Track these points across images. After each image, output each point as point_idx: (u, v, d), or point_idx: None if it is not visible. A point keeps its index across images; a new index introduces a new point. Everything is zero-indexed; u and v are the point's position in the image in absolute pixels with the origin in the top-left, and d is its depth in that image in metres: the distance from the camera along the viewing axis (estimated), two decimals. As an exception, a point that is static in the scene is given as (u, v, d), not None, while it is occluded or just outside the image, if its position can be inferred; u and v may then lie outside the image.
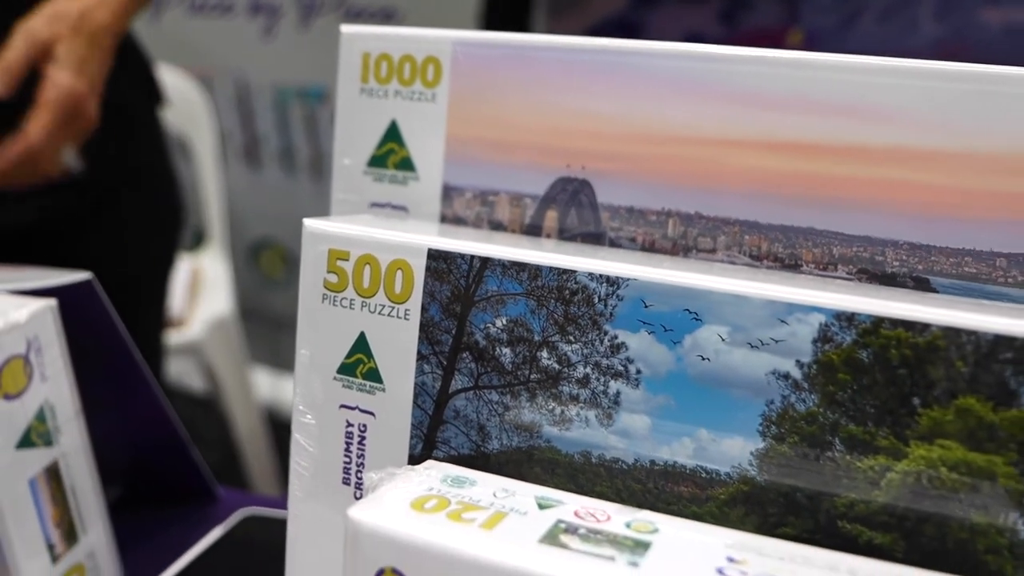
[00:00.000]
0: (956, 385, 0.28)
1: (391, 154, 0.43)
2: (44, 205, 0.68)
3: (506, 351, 0.33)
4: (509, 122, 0.41)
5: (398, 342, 0.35)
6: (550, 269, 0.32)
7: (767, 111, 0.37)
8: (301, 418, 0.37)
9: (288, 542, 0.38)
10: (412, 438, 0.35)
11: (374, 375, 0.35)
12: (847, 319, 0.29)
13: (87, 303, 0.45)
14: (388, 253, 0.35)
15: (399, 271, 0.34)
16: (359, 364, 0.36)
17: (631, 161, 0.39)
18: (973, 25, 1.35)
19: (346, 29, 0.43)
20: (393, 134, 0.43)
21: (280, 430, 1.63)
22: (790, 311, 0.30)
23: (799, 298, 0.30)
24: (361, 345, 0.35)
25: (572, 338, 0.32)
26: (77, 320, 0.44)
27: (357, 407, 0.36)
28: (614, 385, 0.32)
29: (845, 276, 0.36)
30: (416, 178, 0.42)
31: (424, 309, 0.34)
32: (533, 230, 0.41)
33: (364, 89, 0.43)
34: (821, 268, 0.37)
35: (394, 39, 0.42)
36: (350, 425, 0.36)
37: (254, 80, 1.80)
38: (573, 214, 0.40)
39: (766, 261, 0.37)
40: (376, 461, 0.36)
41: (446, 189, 0.42)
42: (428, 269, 0.34)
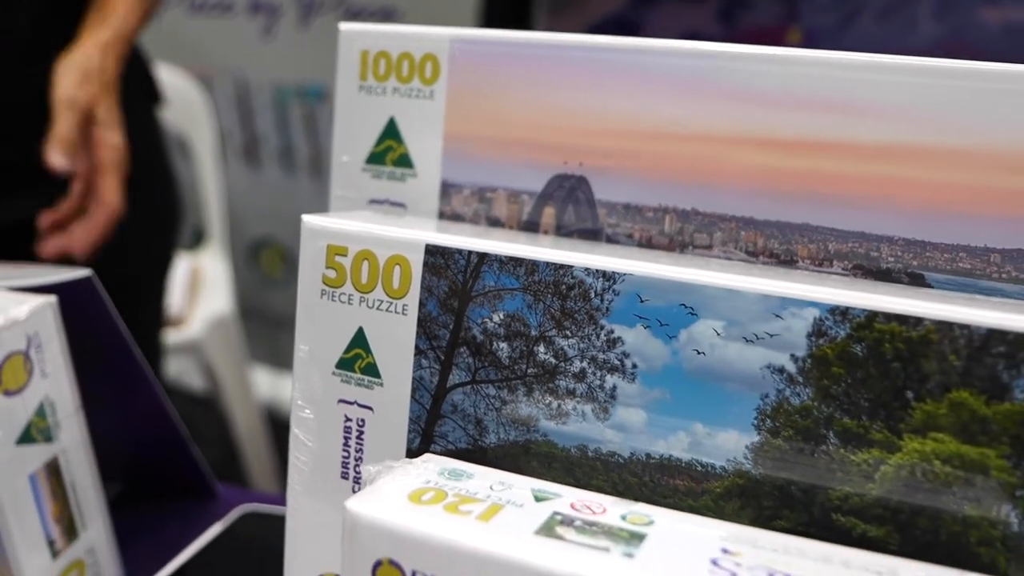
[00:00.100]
0: (949, 379, 0.28)
1: (389, 151, 0.43)
2: (42, 203, 0.68)
3: (503, 346, 0.34)
4: (507, 119, 0.41)
5: (396, 337, 0.35)
6: (547, 264, 0.33)
7: (764, 108, 0.37)
8: (300, 413, 0.37)
9: (287, 536, 0.38)
10: (410, 432, 0.35)
11: (372, 370, 0.36)
12: (841, 313, 0.29)
13: (87, 300, 0.46)
14: (386, 249, 0.35)
15: (397, 266, 0.35)
16: (357, 359, 0.36)
17: (628, 158, 0.39)
18: (972, 24, 1.35)
19: (344, 27, 0.43)
20: (391, 131, 0.43)
21: (280, 429, 1.63)
22: (784, 305, 0.30)
23: (794, 292, 0.30)
24: (359, 340, 0.36)
25: (569, 333, 0.33)
26: (77, 317, 0.44)
27: (355, 402, 0.36)
28: (610, 379, 0.32)
29: (840, 272, 0.36)
30: (414, 175, 0.42)
31: (422, 304, 0.35)
32: (531, 227, 0.41)
33: (362, 86, 0.43)
34: (817, 264, 0.37)
35: (392, 37, 0.42)
36: (348, 420, 0.36)
37: (254, 79, 1.80)
38: (570, 211, 0.40)
39: (762, 257, 0.37)
40: (374, 455, 0.36)
41: (444, 186, 0.42)
42: (426, 264, 0.34)
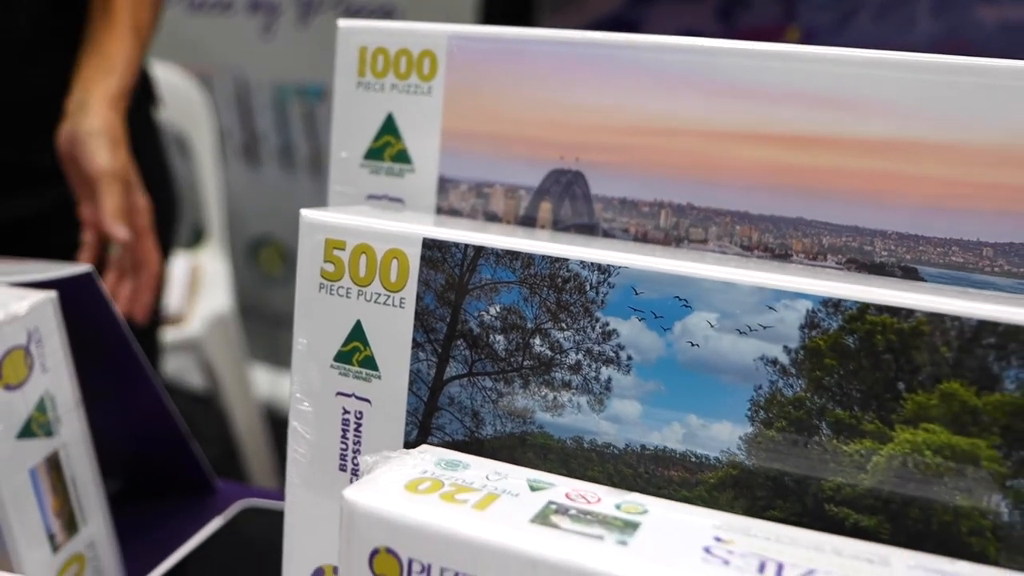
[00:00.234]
0: (940, 370, 0.29)
1: (387, 147, 0.43)
2: (40, 200, 0.68)
3: (499, 338, 0.34)
4: (504, 115, 0.41)
5: (394, 330, 0.35)
6: (543, 257, 0.33)
7: (759, 103, 0.37)
8: (298, 406, 0.37)
9: (286, 528, 0.39)
10: (407, 424, 0.36)
11: (370, 363, 0.36)
12: (833, 305, 0.30)
13: (87, 296, 0.46)
14: (384, 242, 0.35)
15: (394, 260, 0.35)
16: (355, 352, 0.36)
17: (624, 153, 0.39)
18: (969, 22, 1.36)
19: (343, 23, 0.43)
20: (389, 127, 0.43)
21: (279, 426, 1.64)
22: (778, 298, 0.30)
23: (787, 285, 0.30)
24: (357, 333, 0.36)
25: (564, 325, 0.33)
26: (77, 312, 0.44)
27: (353, 394, 0.36)
28: (605, 371, 0.32)
29: (834, 266, 0.37)
30: (412, 170, 0.43)
31: (419, 297, 0.35)
32: (528, 221, 0.41)
33: (361, 83, 0.43)
34: (811, 258, 0.37)
35: (390, 33, 0.43)
36: (346, 412, 0.37)
37: (253, 78, 1.80)
38: (567, 205, 0.40)
39: (756, 251, 0.38)
40: (372, 447, 0.36)
41: (442, 181, 0.42)
42: (423, 258, 0.35)
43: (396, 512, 0.27)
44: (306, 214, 0.36)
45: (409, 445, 0.36)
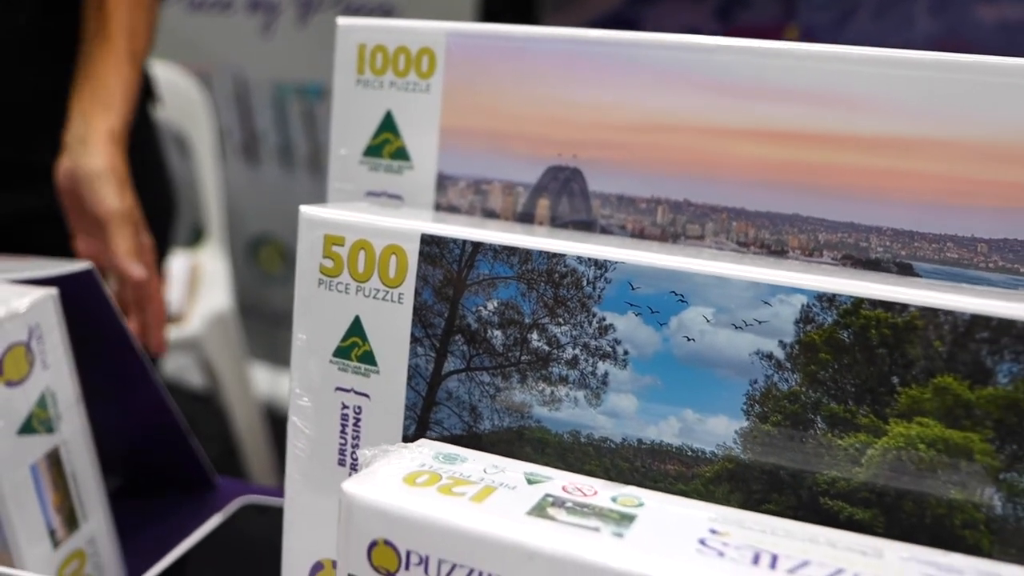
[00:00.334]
0: (934, 364, 0.29)
1: (386, 144, 0.43)
2: (40, 198, 0.68)
3: (497, 333, 0.34)
4: (502, 112, 0.41)
5: (392, 325, 0.36)
6: (540, 253, 0.33)
7: (755, 101, 0.37)
8: (298, 401, 0.38)
9: (285, 522, 0.39)
10: (406, 419, 0.36)
11: (369, 358, 0.36)
12: (828, 300, 0.30)
13: (87, 293, 0.46)
14: (382, 238, 0.35)
15: (393, 256, 0.35)
16: (354, 347, 0.36)
17: (621, 150, 0.40)
18: (968, 21, 1.36)
19: (342, 21, 0.44)
20: (388, 124, 0.43)
21: (279, 425, 1.63)
22: (773, 293, 0.30)
23: (782, 280, 0.30)
24: (356, 329, 0.36)
25: (561, 320, 0.33)
26: (77, 309, 0.44)
27: (352, 389, 0.37)
28: (602, 366, 0.33)
29: (830, 262, 0.37)
30: (411, 167, 0.43)
31: (417, 293, 0.35)
32: (526, 218, 0.41)
33: (360, 80, 0.43)
34: (807, 254, 0.37)
35: (389, 31, 0.43)
36: (345, 407, 0.37)
37: (253, 77, 1.81)
38: (564, 202, 0.41)
39: (753, 247, 0.38)
40: (371, 442, 0.36)
41: (440, 178, 0.43)
42: (421, 254, 0.35)
43: (394, 504, 0.27)
44: (305, 210, 0.37)
45: (408, 439, 0.36)
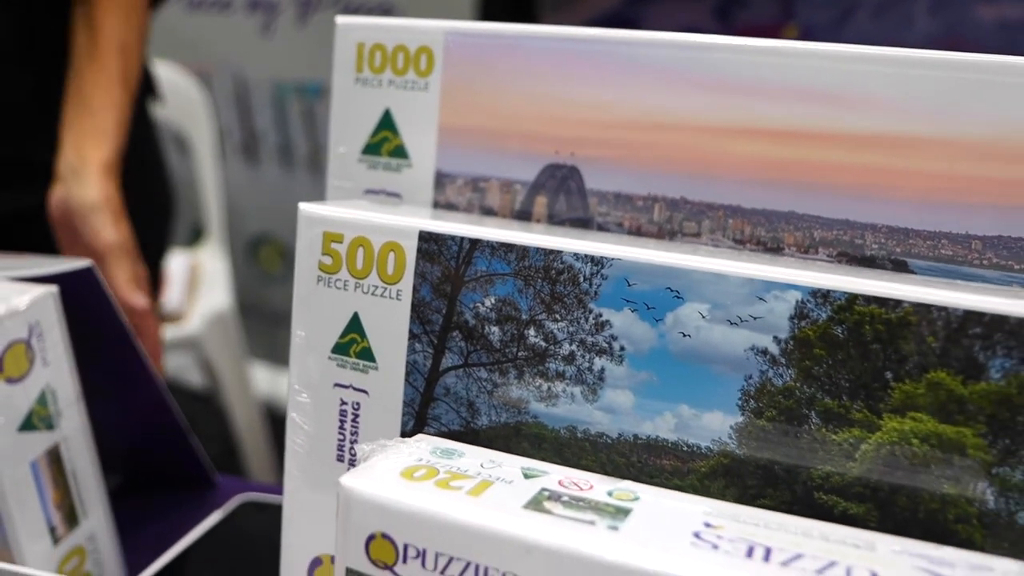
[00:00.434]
0: (927, 359, 0.29)
1: (385, 142, 0.44)
2: (38, 195, 0.68)
3: (495, 329, 0.34)
4: (500, 110, 0.42)
5: (390, 322, 0.36)
6: (537, 249, 0.33)
7: (751, 99, 0.38)
8: (297, 397, 0.38)
9: (284, 518, 0.39)
10: (404, 415, 0.36)
11: (367, 354, 0.36)
12: (822, 296, 0.30)
13: (87, 290, 0.46)
14: (381, 235, 0.36)
15: (391, 253, 0.35)
16: (353, 344, 0.37)
17: (618, 148, 0.40)
18: (967, 21, 1.36)
19: (341, 20, 0.44)
20: (387, 122, 0.43)
21: (278, 424, 1.63)
22: (768, 289, 0.31)
23: (776, 276, 0.31)
24: (355, 325, 0.36)
25: (558, 316, 0.33)
26: (77, 307, 0.45)
27: (351, 385, 0.37)
28: (599, 362, 0.33)
29: (826, 259, 0.37)
30: (409, 165, 0.43)
31: (415, 290, 0.35)
32: (523, 216, 0.42)
33: (359, 78, 0.44)
34: (802, 251, 0.37)
35: (388, 29, 0.43)
36: (344, 403, 0.37)
37: (252, 76, 1.81)
38: (562, 200, 0.41)
39: (749, 244, 0.38)
40: (369, 438, 0.37)
41: (438, 176, 0.43)
42: (419, 251, 0.35)
43: (392, 498, 0.27)
44: (304, 207, 0.37)
45: (406, 435, 0.36)
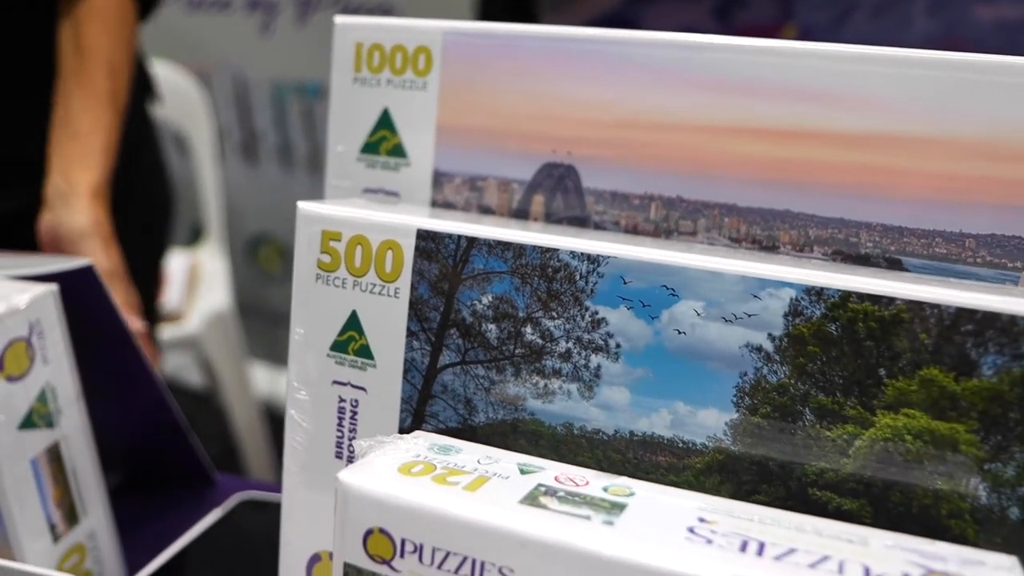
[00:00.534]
0: (920, 356, 0.29)
1: (383, 141, 0.44)
2: (37, 194, 0.69)
3: (492, 327, 0.35)
4: (498, 110, 0.42)
5: (388, 319, 0.36)
6: (534, 248, 0.34)
7: (748, 98, 0.38)
8: (296, 394, 0.38)
9: (283, 515, 0.39)
10: (402, 412, 0.36)
11: (365, 352, 0.37)
12: (816, 294, 0.30)
13: (87, 289, 0.46)
14: (379, 233, 0.36)
15: (389, 251, 0.36)
16: (351, 341, 0.37)
17: (615, 147, 0.40)
18: (966, 21, 1.36)
19: (340, 20, 0.44)
20: (385, 122, 0.44)
21: (277, 424, 1.63)
22: (762, 286, 0.31)
23: (771, 274, 0.31)
24: (353, 323, 0.37)
25: (555, 314, 0.34)
26: (77, 306, 0.45)
27: (349, 383, 0.37)
28: (595, 359, 0.33)
29: (820, 257, 0.37)
30: (408, 164, 0.43)
31: (413, 287, 0.36)
32: (520, 214, 0.42)
33: (357, 78, 0.44)
34: (798, 250, 0.38)
35: (386, 29, 0.43)
36: (342, 400, 0.37)
37: (252, 76, 1.81)
38: (559, 199, 0.41)
39: (745, 243, 0.38)
40: (368, 434, 0.37)
41: (436, 175, 0.43)
42: (417, 249, 0.35)
43: (389, 494, 0.28)
44: (303, 206, 0.37)
45: (404, 432, 0.36)
